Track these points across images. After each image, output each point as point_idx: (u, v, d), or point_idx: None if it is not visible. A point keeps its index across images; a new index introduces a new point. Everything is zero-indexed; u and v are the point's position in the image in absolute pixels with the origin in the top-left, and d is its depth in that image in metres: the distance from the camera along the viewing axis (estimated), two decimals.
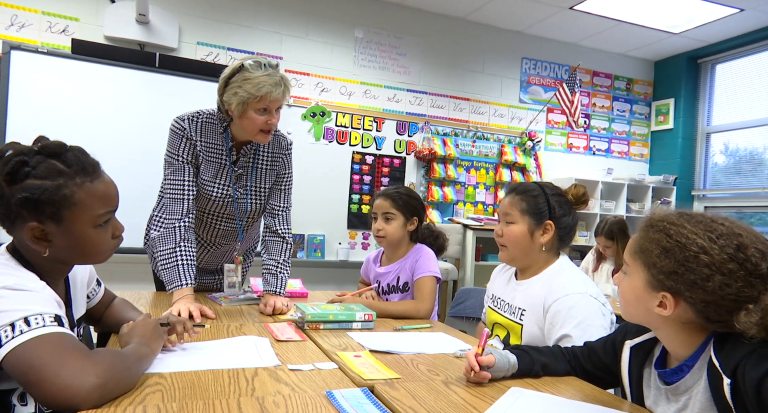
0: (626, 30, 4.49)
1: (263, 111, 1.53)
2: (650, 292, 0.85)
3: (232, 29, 3.81)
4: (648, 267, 0.85)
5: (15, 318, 0.78)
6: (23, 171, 0.87)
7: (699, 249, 0.79)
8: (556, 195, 1.40)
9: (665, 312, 0.83)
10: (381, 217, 1.84)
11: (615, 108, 5.15)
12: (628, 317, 0.94)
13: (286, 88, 1.56)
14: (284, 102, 1.58)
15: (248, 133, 1.59)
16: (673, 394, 0.88)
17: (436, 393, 0.93)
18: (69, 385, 0.74)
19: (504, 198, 1.45)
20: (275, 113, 1.56)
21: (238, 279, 1.79)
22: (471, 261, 4.03)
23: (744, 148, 4.68)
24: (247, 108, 1.52)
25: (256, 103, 1.51)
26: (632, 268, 0.89)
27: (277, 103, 1.55)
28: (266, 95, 1.50)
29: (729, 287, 0.77)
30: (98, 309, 1.21)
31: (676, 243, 0.81)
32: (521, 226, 1.38)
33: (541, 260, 1.39)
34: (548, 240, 1.37)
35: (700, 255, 0.79)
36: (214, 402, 0.81)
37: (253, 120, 1.54)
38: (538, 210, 1.37)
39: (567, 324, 1.21)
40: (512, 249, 1.41)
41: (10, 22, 3.26)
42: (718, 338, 0.82)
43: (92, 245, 0.94)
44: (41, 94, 3.19)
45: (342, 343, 1.26)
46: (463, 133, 4.53)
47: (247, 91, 1.49)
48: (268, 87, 1.49)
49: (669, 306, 0.82)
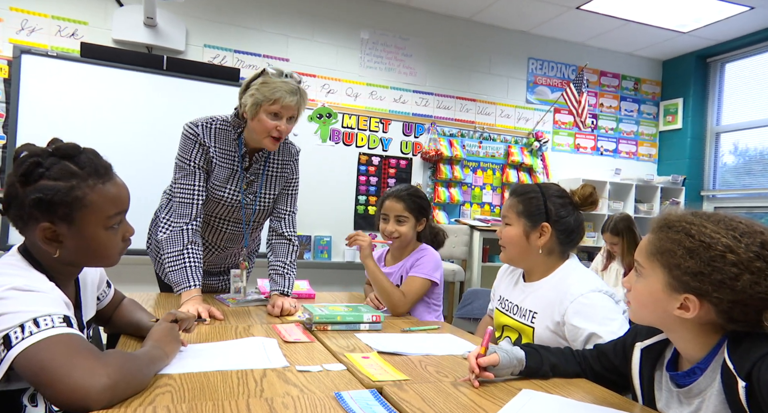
0: (634, 29, 4.46)
1: (274, 115, 1.56)
2: (670, 294, 0.82)
3: (238, 32, 3.83)
4: (669, 268, 0.82)
5: (24, 319, 0.78)
6: (37, 172, 0.87)
7: (725, 248, 0.77)
8: (557, 196, 1.38)
9: (688, 315, 0.81)
10: (393, 219, 1.84)
11: (623, 108, 5.12)
12: (640, 320, 0.92)
13: (302, 99, 1.59)
14: (297, 113, 1.60)
15: (257, 136, 1.60)
16: (686, 397, 0.86)
17: (445, 395, 0.92)
18: (80, 386, 0.75)
19: (506, 199, 1.46)
20: (287, 121, 1.58)
21: (243, 284, 1.81)
22: (478, 262, 4.02)
23: (754, 147, 4.63)
24: (260, 110, 1.55)
25: (269, 106, 1.54)
26: (648, 270, 0.86)
27: (289, 111, 1.57)
28: (279, 99, 1.53)
29: (758, 285, 0.75)
30: (108, 310, 1.22)
31: (700, 243, 0.79)
32: (516, 228, 1.38)
33: (544, 262, 1.38)
34: (545, 243, 1.35)
35: (727, 254, 0.77)
36: (223, 403, 0.82)
37: (263, 122, 1.56)
38: (534, 212, 1.37)
39: (591, 322, 1.20)
40: (510, 251, 1.42)
41: (20, 27, 3.30)
42: (731, 340, 0.80)
43: (103, 247, 0.95)
44: (51, 97, 3.22)
45: (350, 344, 1.26)
46: (470, 134, 4.52)
47: (262, 93, 1.54)
48: (282, 92, 1.53)
49: (693, 308, 0.80)
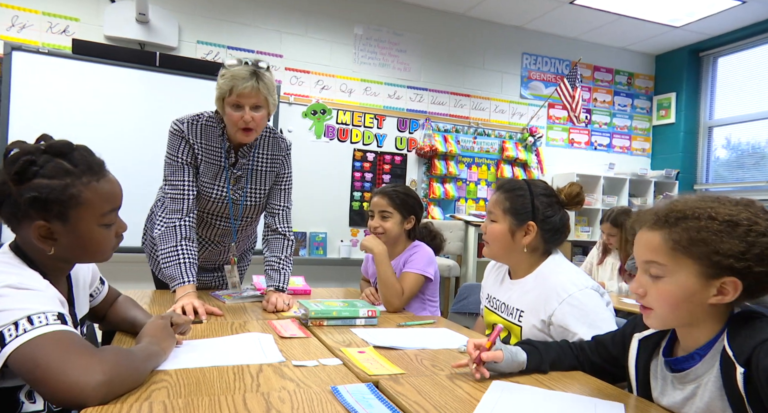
0: (627, 24, 4.47)
1: (237, 107, 1.52)
2: (705, 284, 0.80)
3: (231, 28, 3.80)
4: (704, 257, 0.79)
5: (18, 316, 0.78)
6: (31, 170, 0.87)
7: (749, 221, 0.78)
8: (544, 195, 1.36)
9: (727, 298, 0.80)
10: (378, 215, 1.85)
11: (616, 102, 5.14)
12: (668, 323, 0.88)
13: (263, 83, 1.49)
14: (263, 99, 1.51)
15: (230, 130, 1.58)
16: (680, 382, 0.87)
17: (441, 388, 0.93)
18: (75, 382, 0.75)
19: (492, 194, 1.43)
20: (251, 110, 1.51)
21: (236, 279, 1.80)
22: (473, 257, 4.03)
23: (746, 141, 4.66)
24: (224, 104, 1.53)
25: (228, 99, 1.51)
26: (673, 267, 0.82)
27: (249, 98, 1.49)
28: (233, 89, 1.48)
29: None
30: (102, 306, 1.22)
31: (727, 223, 0.79)
32: (502, 226, 1.36)
33: (528, 259, 1.36)
34: (530, 241, 1.34)
35: (753, 226, 0.78)
36: (219, 398, 0.82)
37: (229, 116, 1.53)
38: (520, 210, 1.34)
39: (582, 326, 1.19)
40: (494, 247, 1.40)
41: (11, 23, 3.26)
42: (731, 327, 0.81)
43: (97, 243, 0.95)
44: (42, 94, 3.19)
45: (346, 339, 1.26)
46: (464, 130, 4.52)
47: (220, 87, 1.51)
48: (235, 80, 1.47)
49: (734, 290, 0.79)
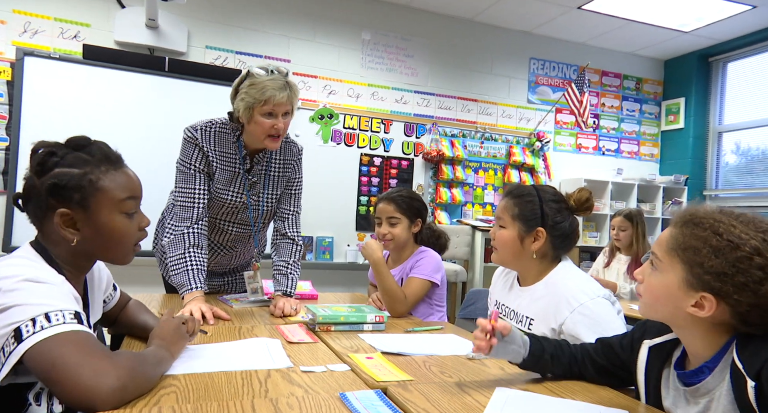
0: (635, 29, 4.46)
1: (269, 115, 1.55)
2: (686, 291, 0.80)
3: (240, 33, 3.83)
4: (690, 265, 0.79)
5: (36, 313, 0.79)
6: (51, 161, 0.92)
7: (753, 250, 0.75)
8: (553, 201, 1.35)
9: (702, 313, 0.79)
10: (386, 222, 1.85)
11: (624, 108, 5.11)
12: (649, 313, 0.90)
13: (293, 92, 1.57)
14: (291, 107, 1.58)
15: (257, 138, 1.60)
16: (693, 396, 0.86)
17: (450, 395, 0.92)
18: (90, 386, 0.75)
19: (501, 199, 1.42)
20: (282, 117, 1.57)
21: (259, 284, 1.80)
22: (480, 262, 4.02)
23: (756, 147, 4.62)
24: (254, 112, 1.55)
25: (261, 107, 1.53)
26: (667, 265, 0.84)
27: (282, 107, 1.55)
28: (270, 99, 1.52)
29: None
30: (114, 311, 1.23)
31: (728, 243, 0.77)
32: (511, 232, 1.35)
33: (537, 265, 1.35)
34: (539, 248, 1.32)
35: (754, 256, 0.75)
36: (228, 404, 0.82)
37: (260, 124, 1.55)
38: (530, 216, 1.33)
39: (591, 335, 1.17)
40: (502, 253, 1.38)
41: (23, 29, 3.31)
42: (740, 339, 0.80)
43: (119, 233, 0.97)
44: (54, 98, 3.23)
45: (353, 345, 1.26)
46: (471, 134, 4.52)
47: (252, 96, 1.53)
48: (271, 91, 1.51)
49: (708, 308, 0.78)
